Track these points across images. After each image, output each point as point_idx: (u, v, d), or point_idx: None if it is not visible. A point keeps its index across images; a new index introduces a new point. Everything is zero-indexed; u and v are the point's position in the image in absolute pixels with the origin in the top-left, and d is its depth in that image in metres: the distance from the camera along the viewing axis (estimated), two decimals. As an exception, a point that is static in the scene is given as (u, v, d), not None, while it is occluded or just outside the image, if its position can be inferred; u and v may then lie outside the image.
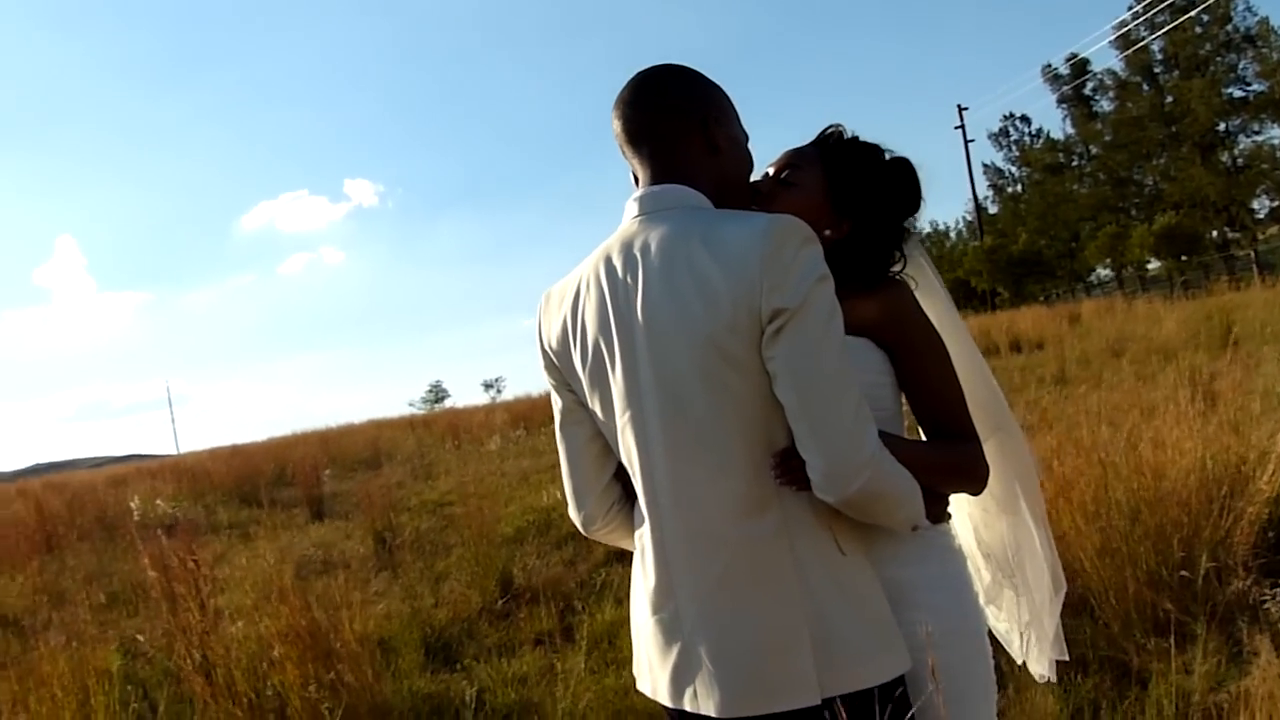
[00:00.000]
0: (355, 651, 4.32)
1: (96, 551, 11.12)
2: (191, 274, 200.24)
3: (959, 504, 2.12)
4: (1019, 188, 64.58)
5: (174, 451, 74.66)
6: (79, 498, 17.69)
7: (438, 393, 70.62)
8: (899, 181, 1.98)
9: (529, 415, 21.75)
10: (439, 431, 23.55)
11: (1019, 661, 2.19)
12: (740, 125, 1.89)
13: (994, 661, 1.89)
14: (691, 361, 1.63)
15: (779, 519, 1.65)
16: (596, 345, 1.76)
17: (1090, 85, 56.76)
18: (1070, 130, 59.14)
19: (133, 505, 13.89)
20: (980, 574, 2.15)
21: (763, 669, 1.64)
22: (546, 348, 1.90)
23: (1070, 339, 18.19)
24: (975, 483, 1.89)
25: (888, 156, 1.99)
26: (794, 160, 1.97)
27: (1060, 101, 58.59)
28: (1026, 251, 49.57)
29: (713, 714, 1.66)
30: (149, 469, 26.31)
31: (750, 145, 1.91)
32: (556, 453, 1.96)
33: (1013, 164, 64.74)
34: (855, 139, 1.99)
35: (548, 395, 1.97)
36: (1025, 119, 63.37)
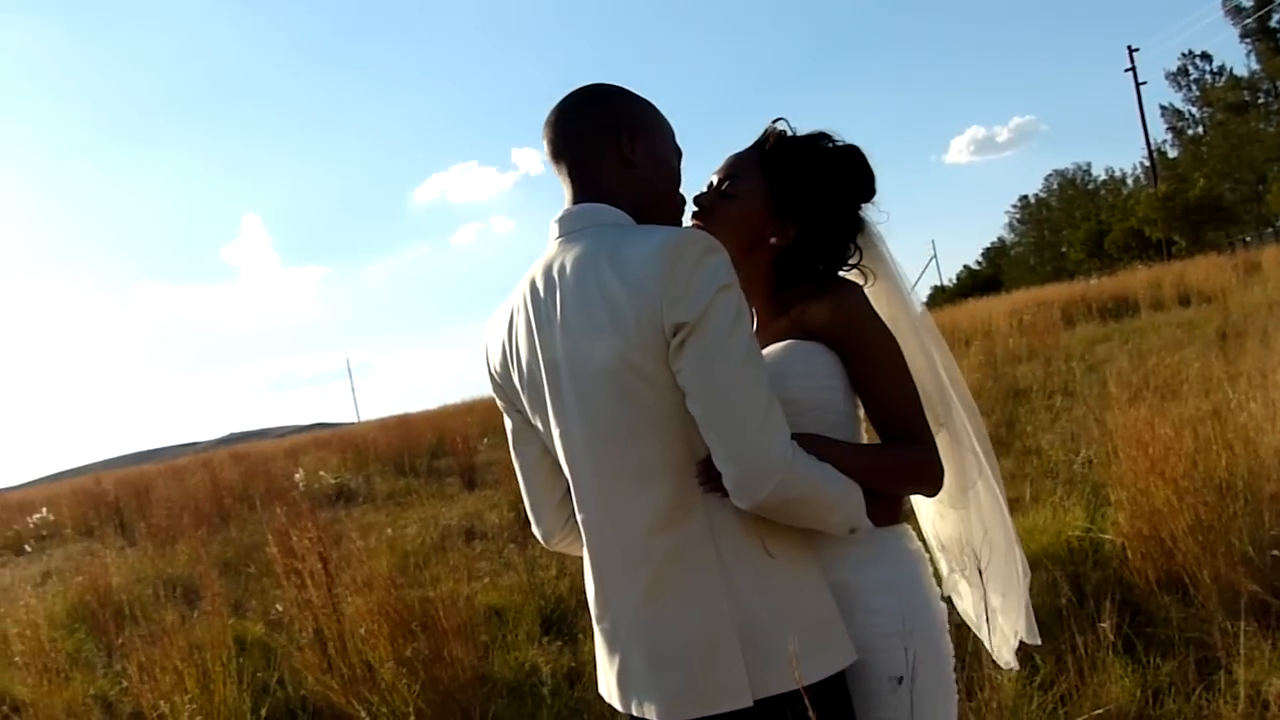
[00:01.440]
0: (448, 626, 4.48)
1: (263, 522, 11.68)
2: (369, 247, 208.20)
3: (916, 498, 2.11)
4: (1200, 129, 61.27)
5: (355, 420, 77.60)
6: (254, 468, 18.64)
7: (603, 359, 71.03)
8: (844, 172, 1.95)
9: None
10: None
11: (988, 647, 2.19)
12: (670, 142, 1.90)
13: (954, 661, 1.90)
14: (608, 380, 1.67)
15: (704, 525, 1.68)
16: (531, 368, 1.81)
17: (1277, 17, 53.24)
18: (1255, 66, 55.83)
19: (297, 477, 14.56)
20: (939, 566, 2.14)
21: (694, 675, 1.68)
22: (492, 372, 1.95)
23: (1240, 291, 17.16)
24: (927, 485, 1.88)
25: (832, 145, 1.96)
26: (733, 170, 1.96)
27: (1244, 36, 55.39)
28: (1205, 197, 46.72)
29: None
30: (323, 439, 27.52)
31: (682, 164, 1.92)
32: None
33: (1193, 105, 61.51)
34: (794, 136, 1.96)
35: None
36: (1206, 56, 60.12)
